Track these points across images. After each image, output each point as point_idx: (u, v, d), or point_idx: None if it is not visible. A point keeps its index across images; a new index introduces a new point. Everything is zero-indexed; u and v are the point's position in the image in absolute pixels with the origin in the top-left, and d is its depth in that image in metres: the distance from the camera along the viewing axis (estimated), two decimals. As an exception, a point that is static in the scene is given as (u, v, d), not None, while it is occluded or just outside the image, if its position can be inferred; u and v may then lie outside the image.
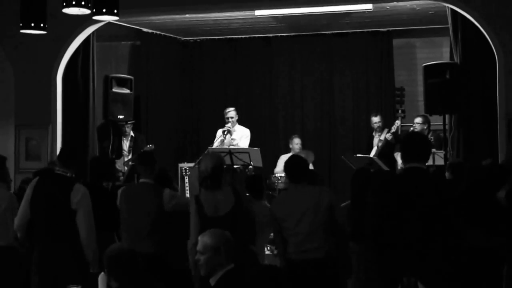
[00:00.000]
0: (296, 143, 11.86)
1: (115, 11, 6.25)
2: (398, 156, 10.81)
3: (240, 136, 11.26)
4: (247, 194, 7.10)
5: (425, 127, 10.36)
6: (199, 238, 4.84)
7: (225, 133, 11.04)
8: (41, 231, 5.97)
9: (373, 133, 11.44)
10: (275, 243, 6.68)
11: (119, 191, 6.77)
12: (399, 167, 10.23)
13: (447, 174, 7.28)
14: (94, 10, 6.20)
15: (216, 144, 11.03)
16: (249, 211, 6.20)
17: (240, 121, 11.48)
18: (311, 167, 11.58)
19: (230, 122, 11.16)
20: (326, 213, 6.00)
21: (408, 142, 5.35)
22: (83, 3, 6.14)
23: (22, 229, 6.12)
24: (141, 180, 6.68)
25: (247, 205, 6.15)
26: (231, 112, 11.27)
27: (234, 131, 11.22)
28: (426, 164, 5.34)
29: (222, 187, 5.94)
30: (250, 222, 6.17)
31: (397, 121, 10.84)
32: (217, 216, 5.85)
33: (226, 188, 5.99)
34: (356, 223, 6.71)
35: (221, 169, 6.07)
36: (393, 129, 10.75)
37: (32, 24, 6.57)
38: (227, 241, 4.77)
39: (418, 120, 10.42)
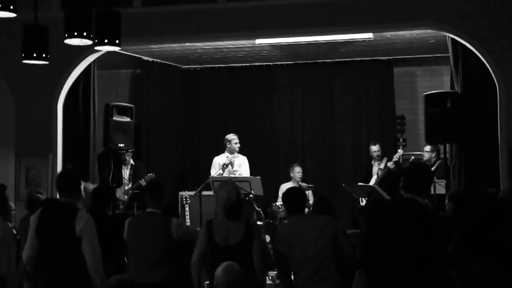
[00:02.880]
0: (297, 172, 11.86)
1: (117, 41, 6.26)
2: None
3: (239, 164, 11.26)
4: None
5: (433, 155, 10.36)
6: (217, 270, 4.96)
7: (226, 166, 11.04)
8: (47, 261, 5.94)
9: (372, 162, 11.44)
10: (280, 277, 6.64)
11: (126, 222, 6.72)
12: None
13: (448, 204, 7.24)
14: (96, 41, 6.22)
15: (215, 174, 11.01)
16: (263, 240, 6.19)
17: (240, 149, 11.48)
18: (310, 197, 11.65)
19: (237, 148, 11.20)
20: (330, 241, 5.96)
21: (409, 173, 5.31)
22: (84, 34, 6.14)
23: (31, 262, 6.07)
24: (148, 210, 6.65)
25: (261, 234, 6.13)
26: (237, 138, 11.30)
27: (235, 157, 11.23)
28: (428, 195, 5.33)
29: (240, 218, 5.96)
30: (262, 253, 6.16)
31: (399, 150, 10.83)
32: (227, 245, 5.86)
33: (242, 218, 6.02)
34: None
35: (240, 196, 6.18)
36: (395, 158, 10.73)
37: (34, 55, 6.57)
38: (239, 277, 4.94)
39: (427, 148, 10.41)
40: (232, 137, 11.36)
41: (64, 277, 5.85)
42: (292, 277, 6.25)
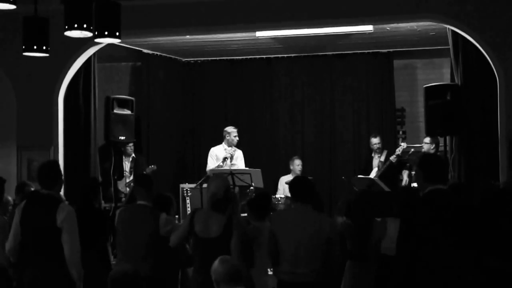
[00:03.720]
0: (297, 164, 11.87)
1: (117, 33, 6.26)
2: (405, 174, 10.82)
3: (236, 157, 11.27)
4: (247, 214, 7.08)
5: (432, 147, 10.36)
6: (212, 265, 5.01)
7: (226, 159, 11.05)
8: (31, 253, 5.98)
9: (372, 154, 11.44)
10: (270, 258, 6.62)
11: (117, 212, 6.81)
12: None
13: None
14: (96, 33, 6.22)
15: (213, 166, 11.02)
16: (243, 235, 6.17)
17: (240, 142, 11.49)
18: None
19: (236, 141, 11.20)
20: (324, 242, 5.96)
21: (426, 165, 5.30)
22: (85, 26, 6.15)
23: (14, 252, 6.13)
24: (138, 202, 6.68)
25: (241, 230, 6.12)
26: (236, 132, 11.30)
27: (234, 150, 11.25)
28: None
29: (224, 211, 5.98)
30: (245, 246, 6.15)
31: (402, 143, 10.82)
32: (208, 238, 5.88)
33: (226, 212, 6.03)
34: (358, 243, 6.72)
35: (229, 192, 6.18)
36: (398, 152, 10.72)
37: (35, 47, 6.58)
38: (236, 266, 5.01)
39: (427, 140, 10.42)
40: (231, 129, 11.36)
41: (47, 268, 5.90)
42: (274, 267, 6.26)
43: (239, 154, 11.36)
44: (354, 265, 6.92)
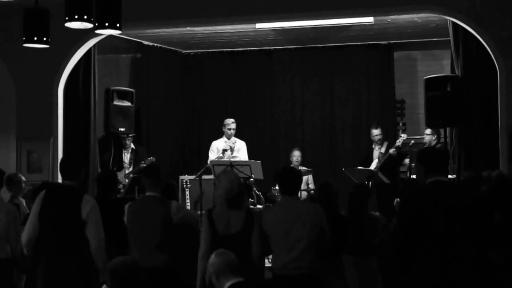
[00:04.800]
0: (294, 156, 11.87)
1: (118, 24, 6.25)
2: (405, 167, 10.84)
3: (238, 149, 11.26)
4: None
5: (434, 138, 10.34)
6: (210, 258, 5.04)
7: (225, 152, 11.05)
8: (49, 244, 5.95)
9: (373, 146, 11.42)
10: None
11: (126, 206, 6.72)
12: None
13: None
14: (96, 24, 6.21)
15: (214, 158, 11.02)
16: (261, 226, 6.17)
17: (241, 134, 11.49)
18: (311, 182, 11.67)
19: (231, 133, 11.19)
20: (315, 231, 5.95)
21: (427, 157, 5.30)
22: (85, 17, 6.14)
23: (30, 244, 6.08)
24: (147, 194, 6.64)
25: (258, 223, 6.11)
26: (234, 124, 11.29)
27: (235, 142, 11.24)
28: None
29: (241, 206, 5.96)
30: (260, 239, 6.15)
31: (402, 135, 10.81)
32: (228, 234, 5.85)
33: (243, 207, 6.00)
34: (355, 237, 6.71)
35: (242, 186, 6.15)
36: (398, 143, 10.71)
37: (35, 38, 6.58)
38: (232, 256, 5.03)
39: (428, 131, 10.40)
40: (226, 121, 11.35)
41: (65, 261, 5.87)
42: (271, 259, 6.25)
43: (241, 146, 11.35)
44: (356, 261, 6.88)
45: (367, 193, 7.14)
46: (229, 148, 11.11)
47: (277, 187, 11.22)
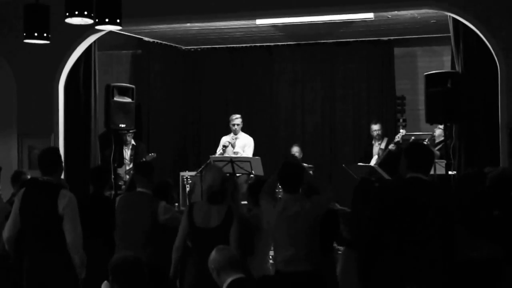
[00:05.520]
0: (295, 152, 11.86)
1: (118, 20, 6.26)
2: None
3: (243, 145, 11.27)
4: (246, 202, 7.06)
5: (442, 134, 10.31)
6: (211, 253, 5.08)
7: (225, 147, 11.06)
8: (31, 241, 5.97)
9: (373, 142, 11.42)
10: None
11: (117, 199, 6.81)
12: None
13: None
14: (96, 20, 6.22)
15: (217, 154, 11.04)
16: (244, 223, 6.16)
17: (242, 129, 11.50)
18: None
19: (235, 128, 11.21)
20: (316, 226, 5.96)
21: (411, 152, 5.34)
22: (85, 13, 6.15)
23: (11, 241, 6.12)
24: (138, 189, 6.68)
25: (241, 218, 6.11)
26: (238, 119, 11.35)
27: (237, 138, 11.25)
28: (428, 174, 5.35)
29: (223, 202, 5.98)
30: (244, 235, 6.15)
31: (401, 131, 10.80)
32: (207, 228, 5.88)
33: (225, 202, 6.02)
34: (356, 231, 6.72)
35: (227, 183, 6.15)
36: (397, 139, 10.71)
37: (36, 34, 6.58)
38: (233, 252, 5.12)
39: (441, 126, 10.33)
40: (231, 117, 11.45)
41: (47, 256, 5.90)
42: (273, 255, 6.27)
43: (247, 142, 11.37)
44: (350, 253, 6.87)
45: (371, 188, 7.09)
46: (228, 144, 11.12)
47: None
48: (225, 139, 11.38)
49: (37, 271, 5.91)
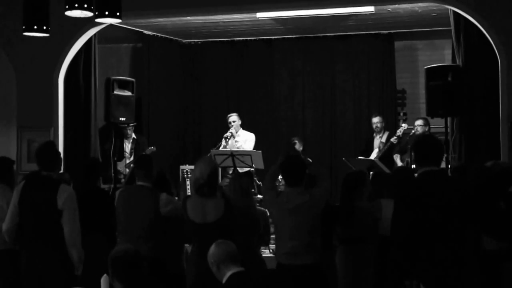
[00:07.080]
0: (295, 141, 11.84)
1: (118, 13, 6.23)
2: (397, 159, 10.80)
3: (244, 140, 11.24)
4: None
5: (426, 129, 10.34)
6: (210, 248, 5.12)
7: (228, 138, 11.04)
8: (29, 235, 5.98)
9: (374, 135, 11.39)
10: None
11: (117, 193, 6.81)
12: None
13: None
14: (96, 13, 6.20)
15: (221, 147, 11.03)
16: (245, 215, 6.16)
17: (242, 124, 11.47)
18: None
19: (232, 126, 11.17)
20: (317, 220, 5.94)
21: (424, 145, 5.30)
22: (85, 5, 6.12)
23: (10, 233, 6.12)
24: (138, 183, 6.67)
25: (242, 209, 6.11)
26: (232, 117, 11.31)
27: (237, 135, 11.22)
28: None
29: (216, 194, 5.96)
30: (248, 226, 6.15)
31: (403, 125, 10.79)
32: (204, 223, 5.87)
33: (219, 195, 6.01)
34: (346, 225, 6.69)
35: (217, 175, 6.14)
36: (399, 133, 10.70)
37: (35, 27, 6.55)
38: (232, 246, 5.12)
39: (419, 122, 10.40)
40: (227, 117, 11.38)
41: (45, 250, 5.90)
42: (274, 248, 6.27)
43: (248, 137, 11.32)
44: (346, 250, 6.84)
45: (359, 181, 6.97)
46: (230, 134, 11.06)
47: (278, 177, 11.22)
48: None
49: (34, 265, 5.92)
